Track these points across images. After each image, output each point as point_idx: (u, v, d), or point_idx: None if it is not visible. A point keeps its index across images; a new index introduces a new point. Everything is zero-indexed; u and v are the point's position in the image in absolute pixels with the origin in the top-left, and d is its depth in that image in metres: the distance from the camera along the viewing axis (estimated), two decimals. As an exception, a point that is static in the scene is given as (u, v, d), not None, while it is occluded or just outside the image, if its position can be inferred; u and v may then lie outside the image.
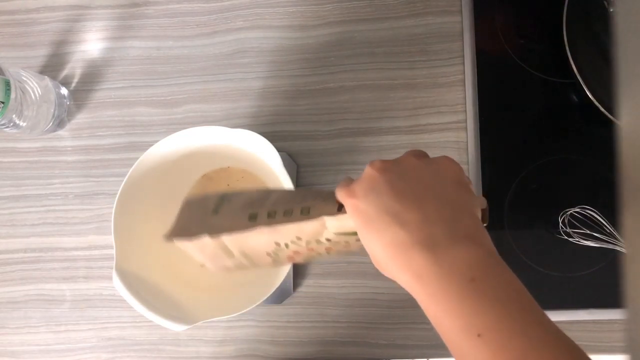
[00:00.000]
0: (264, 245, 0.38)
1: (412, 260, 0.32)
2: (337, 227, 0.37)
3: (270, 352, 0.62)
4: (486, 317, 0.30)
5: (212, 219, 0.40)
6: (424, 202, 0.34)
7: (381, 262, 0.34)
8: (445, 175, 0.36)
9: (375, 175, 0.35)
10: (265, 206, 0.39)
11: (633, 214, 0.20)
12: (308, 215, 0.37)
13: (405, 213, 0.33)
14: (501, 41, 0.64)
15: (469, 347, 0.30)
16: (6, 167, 0.67)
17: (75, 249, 0.65)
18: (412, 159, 0.36)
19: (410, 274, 0.32)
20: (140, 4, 0.68)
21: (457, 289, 0.31)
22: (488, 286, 0.31)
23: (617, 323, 0.58)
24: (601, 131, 0.61)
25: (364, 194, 0.34)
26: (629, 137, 0.20)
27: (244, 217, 0.38)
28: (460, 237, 0.33)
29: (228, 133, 0.51)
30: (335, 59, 0.64)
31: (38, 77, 0.63)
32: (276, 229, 0.37)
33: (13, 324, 0.65)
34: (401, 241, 0.32)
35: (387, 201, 0.33)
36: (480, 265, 0.32)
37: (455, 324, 0.31)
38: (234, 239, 0.38)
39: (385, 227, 0.33)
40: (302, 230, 0.37)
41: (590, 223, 0.58)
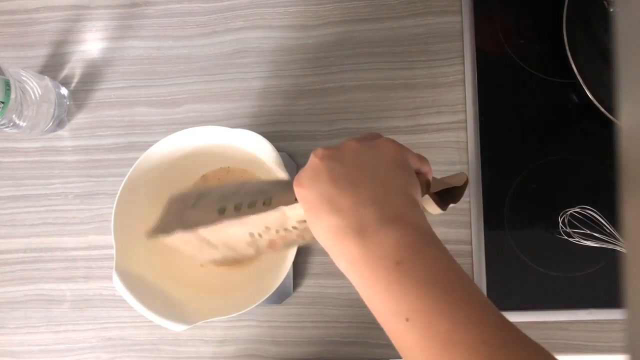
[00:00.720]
0: (241, 236, 0.39)
1: (347, 246, 0.32)
2: (296, 216, 0.37)
3: (270, 352, 0.62)
4: (412, 300, 0.30)
5: (188, 213, 0.41)
6: (359, 186, 0.34)
7: (327, 249, 0.34)
8: (381, 157, 0.35)
9: (317, 162, 0.35)
10: (233, 199, 0.39)
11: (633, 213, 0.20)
12: (269, 206, 0.37)
13: (340, 199, 0.33)
14: (501, 41, 0.64)
15: (399, 331, 0.31)
16: (6, 167, 0.67)
17: (75, 249, 0.65)
18: (352, 143, 0.36)
19: (344, 261, 0.33)
20: (140, 4, 0.68)
21: (384, 273, 0.31)
22: (414, 268, 0.31)
23: (617, 323, 0.58)
24: (601, 131, 0.61)
25: (308, 182, 0.34)
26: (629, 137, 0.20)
27: (214, 210, 0.39)
28: (388, 219, 0.32)
29: (228, 133, 0.51)
30: (335, 59, 0.64)
31: (38, 77, 0.63)
32: (242, 220, 0.38)
33: (13, 324, 0.65)
34: (336, 228, 0.33)
35: (326, 188, 0.34)
36: (406, 247, 0.32)
37: (385, 309, 0.31)
38: (212, 232, 0.39)
39: (324, 214, 0.33)
40: (267, 221, 0.38)
41: (590, 223, 0.58)
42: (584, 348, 0.59)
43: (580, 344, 0.59)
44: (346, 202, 0.33)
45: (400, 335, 0.31)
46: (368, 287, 0.32)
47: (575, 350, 0.59)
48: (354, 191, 0.33)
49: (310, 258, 0.62)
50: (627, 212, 0.20)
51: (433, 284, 0.31)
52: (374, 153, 0.36)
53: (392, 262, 0.31)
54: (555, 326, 0.59)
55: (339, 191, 0.33)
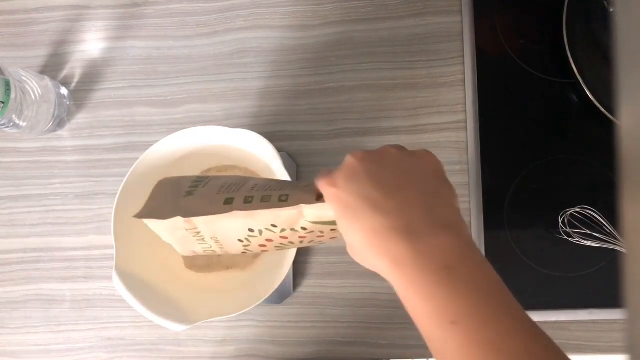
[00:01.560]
0: (237, 231, 0.38)
1: (390, 245, 0.32)
2: (314, 216, 0.37)
3: (270, 352, 0.62)
4: (460, 304, 0.31)
5: (185, 200, 0.39)
6: (403, 190, 0.34)
7: (358, 249, 0.34)
8: (425, 167, 0.36)
9: (356, 164, 0.35)
10: (242, 191, 0.39)
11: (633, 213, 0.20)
12: (286, 203, 0.37)
13: (384, 201, 0.33)
14: (501, 41, 0.64)
15: (442, 334, 0.31)
16: (6, 167, 0.67)
17: (75, 249, 0.65)
18: (392, 149, 0.37)
19: (387, 260, 0.32)
20: (140, 4, 0.68)
21: (433, 275, 0.31)
22: (463, 274, 0.31)
23: (617, 323, 0.58)
24: (601, 131, 0.61)
25: (344, 183, 0.35)
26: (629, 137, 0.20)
27: (220, 201, 0.38)
28: (438, 225, 0.33)
29: (228, 133, 0.51)
30: (335, 59, 0.64)
31: (38, 77, 0.63)
32: (252, 214, 0.37)
33: (13, 324, 0.65)
34: (380, 227, 0.33)
35: (367, 189, 0.34)
36: (456, 254, 0.32)
37: (429, 310, 0.31)
38: (207, 222, 0.38)
39: (364, 214, 0.33)
40: (279, 217, 0.37)
41: (590, 223, 0.58)
42: (584, 348, 0.59)
43: (580, 344, 0.59)
44: (391, 204, 0.33)
45: (442, 338, 0.31)
46: (413, 287, 0.32)
47: (575, 350, 0.59)
48: (399, 194, 0.34)
49: (310, 258, 0.62)
50: (627, 212, 0.20)
51: (480, 291, 0.31)
52: (416, 162, 0.36)
53: (442, 266, 0.31)
54: (555, 326, 0.59)
55: (382, 193, 0.34)
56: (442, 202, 0.35)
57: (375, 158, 0.36)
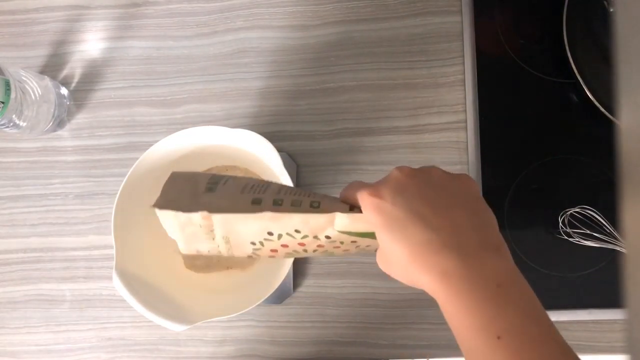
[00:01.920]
0: (256, 232, 0.38)
1: (440, 260, 0.33)
2: (345, 226, 0.37)
3: (270, 352, 0.62)
4: (508, 320, 0.31)
5: (206, 197, 0.39)
6: (453, 210, 0.35)
7: (398, 262, 0.35)
8: (468, 190, 0.37)
9: (404, 178, 0.36)
10: (268, 193, 0.38)
11: (633, 213, 0.20)
12: (318, 209, 0.37)
13: (435, 218, 0.34)
14: (501, 41, 0.64)
15: (486, 348, 0.31)
16: (6, 167, 0.67)
17: (75, 249, 0.65)
18: (437, 170, 0.38)
19: (434, 274, 0.33)
20: (140, 4, 0.68)
21: (482, 290, 0.32)
22: (512, 294, 0.32)
23: (617, 323, 0.58)
24: (601, 131, 0.61)
25: (392, 196, 0.35)
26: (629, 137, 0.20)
27: (247, 200, 0.38)
28: (488, 247, 0.34)
29: (228, 133, 0.51)
30: (335, 59, 0.64)
31: (38, 77, 0.63)
32: (280, 217, 0.37)
33: (13, 324, 0.65)
34: (429, 242, 0.33)
35: (417, 205, 0.34)
36: (505, 275, 0.33)
37: (475, 324, 0.32)
38: (227, 221, 0.37)
39: (413, 228, 0.34)
40: (307, 223, 0.37)
41: (590, 223, 0.58)
42: (584, 348, 0.59)
43: (580, 344, 0.59)
44: (441, 222, 0.34)
45: (484, 352, 0.31)
46: (460, 301, 0.32)
47: (576, 350, 0.58)
48: (449, 213, 0.34)
49: (310, 258, 0.62)
50: (627, 212, 0.20)
51: (527, 312, 0.32)
52: (459, 184, 0.37)
53: (493, 284, 0.32)
54: (556, 326, 0.59)
55: (433, 210, 0.34)
56: (487, 224, 0.36)
57: (422, 176, 0.36)
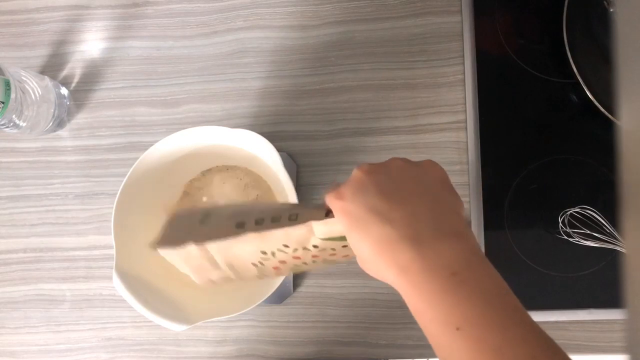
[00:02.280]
0: (251, 254, 0.39)
1: (398, 255, 0.33)
2: (324, 232, 0.37)
3: (270, 352, 0.62)
4: (465, 310, 0.31)
5: (198, 229, 0.40)
6: (410, 200, 0.35)
7: (367, 260, 0.35)
8: (431, 176, 0.37)
9: (362, 176, 0.36)
10: (252, 214, 0.39)
11: (633, 214, 0.20)
12: (295, 221, 0.37)
13: (391, 211, 0.34)
14: (501, 41, 0.64)
15: (448, 340, 0.31)
16: (6, 167, 0.67)
17: (75, 249, 0.65)
18: (398, 161, 0.37)
19: (395, 269, 0.33)
20: (140, 4, 0.68)
21: (439, 282, 0.32)
22: (469, 281, 0.32)
23: (617, 323, 0.58)
24: (601, 131, 0.61)
25: (352, 195, 0.35)
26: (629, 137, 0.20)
27: (231, 225, 0.39)
28: (445, 233, 0.33)
29: (228, 133, 0.51)
30: (335, 59, 0.64)
31: (38, 77, 0.63)
32: (264, 235, 0.37)
33: (13, 324, 0.65)
34: (387, 237, 0.33)
35: (374, 201, 0.34)
36: (463, 261, 0.33)
37: (435, 317, 0.32)
38: (221, 248, 0.38)
39: (371, 225, 0.34)
40: (289, 236, 0.37)
41: (590, 223, 0.58)
42: (584, 348, 0.59)
43: (580, 344, 0.59)
44: (398, 214, 0.34)
45: (447, 344, 0.31)
46: (419, 294, 0.32)
47: (575, 350, 0.59)
48: (406, 205, 0.34)
49: (310, 258, 0.62)
50: (627, 212, 0.20)
51: (486, 298, 0.32)
52: (421, 172, 0.37)
53: (448, 272, 0.32)
54: (555, 326, 0.59)
55: (389, 204, 0.34)
56: (448, 210, 0.35)
57: (381, 170, 0.36)
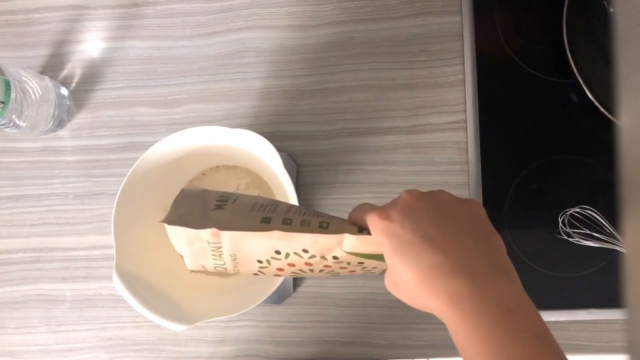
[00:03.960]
0: (263, 251, 0.38)
1: (451, 284, 0.33)
2: (353, 247, 0.37)
3: (270, 352, 0.62)
4: (516, 346, 0.31)
5: (216, 214, 0.39)
6: (462, 234, 0.35)
7: (406, 284, 0.35)
8: (477, 214, 0.37)
9: (413, 202, 0.36)
10: (277, 212, 0.39)
11: (633, 214, 0.20)
12: (326, 230, 0.37)
13: (445, 241, 0.34)
14: (501, 41, 0.64)
15: None
16: (6, 167, 0.67)
17: (75, 249, 0.65)
18: (445, 194, 0.38)
19: (444, 298, 0.33)
20: (140, 4, 0.68)
21: (493, 315, 0.32)
22: (521, 319, 0.32)
23: (617, 323, 0.58)
24: (601, 131, 0.61)
25: (401, 219, 0.35)
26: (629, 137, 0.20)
27: (256, 218, 0.38)
28: (499, 270, 0.34)
29: (228, 133, 0.51)
30: (335, 59, 0.64)
31: (38, 77, 0.63)
32: (289, 236, 0.37)
33: (13, 324, 0.65)
34: (440, 266, 0.33)
35: (427, 228, 0.35)
36: (515, 299, 0.33)
37: (485, 350, 0.32)
38: (235, 238, 0.38)
39: (423, 251, 0.34)
40: (316, 243, 0.37)
41: (590, 223, 0.58)
42: (584, 348, 0.59)
43: (580, 344, 0.59)
44: (452, 245, 0.34)
45: None
46: (470, 325, 0.32)
47: (575, 350, 0.59)
48: (459, 238, 0.35)
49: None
50: (627, 213, 0.20)
51: (536, 338, 0.32)
52: (468, 209, 0.37)
53: (503, 309, 0.32)
54: (555, 326, 0.59)
55: (443, 234, 0.34)
56: (496, 248, 0.36)
57: (431, 199, 0.37)
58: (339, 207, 0.63)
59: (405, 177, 0.62)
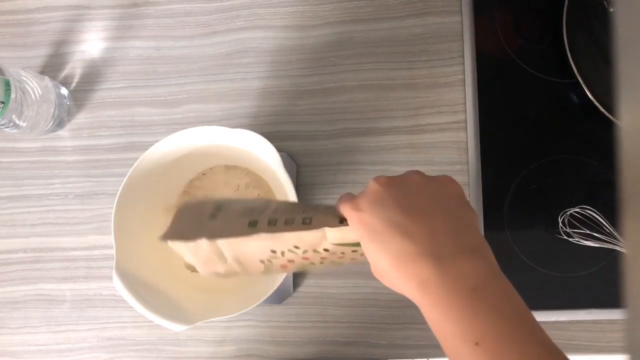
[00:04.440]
0: (260, 252, 0.39)
1: (418, 269, 0.33)
2: (337, 238, 0.37)
3: (270, 352, 0.62)
4: (485, 325, 0.31)
5: (209, 223, 0.40)
6: (430, 216, 0.35)
7: (384, 271, 0.35)
8: (448, 192, 0.37)
9: (381, 190, 0.36)
10: (265, 214, 0.39)
11: (633, 214, 0.20)
12: (309, 225, 0.37)
13: (411, 226, 0.34)
14: (501, 41, 0.64)
15: (467, 355, 0.31)
16: (6, 167, 0.67)
17: (75, 249, 0.65)
18: (415, 175, 0.38)
19: (414, 283, 0.33)
20: (140, 4, 0.68)
21: (459, 297, 0.32)
22: (489, 297, 0.32)
23: (617, 323, 0.58)
24: (601, 131, 0.61)
25: (370, 207, 0.35)
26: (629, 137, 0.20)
27: (244, 223, 0.39)
28: (465, 249, 0.34)
29: (228, 133, 0.51)
30: (335, 59, 0.64)
31: (38, 77, 0.63)
32: (276, 236, 0.38)
33: (13, 324, 0.65)
34: (407, 252, 0.33)
35: (393, 214, 0.35)
36: (482, 277, 0.33)
37: (454, 331, 0.32)
38: (231, 244, 0.39)
39: (391, 238, 0.34)
40: (302, 239, 0.38)
41: (590, 223, 0.58)
42: (584, 348, 0.59)
43: (580, 344, 0.59)
44: (418, 229, 0.34)
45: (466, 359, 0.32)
46: (439, 308, 0.33)
47: (575, 350, 0.59)
48: (425, 220, 0.35)
49: (310, 258, 0.62)
50: (627, 213, 0.20)
51: (505, 314, 0.32)
52: (439, 187, 0.37)
53: (468, 288, 0.32)
54: (555, 326, 0.59)
55: (409, 218, 0.34)
56: (466, 226, 0.36)
57: (399, 184, 0.37)
58: (339, 207, 0.63)
59: (405, 177, 0.62)
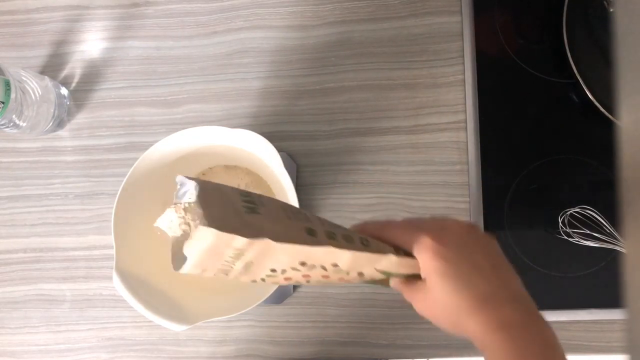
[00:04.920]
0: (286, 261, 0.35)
1: (501, 311, 0.35)
2: (387, 266, 0.37)
3: (270, 352, 0.62)
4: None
5: (252, 218, 0.34)
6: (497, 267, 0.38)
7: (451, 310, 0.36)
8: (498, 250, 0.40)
9: (464, 232, 0.38)
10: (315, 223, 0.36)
11: (633, 214, 0.20)
12: (368, 248, 0.37)
13: (492, 273, 0.37)
14: (501, 41, 0.64)
15: None
16: (6, 167, 0.67)
17: (75, 249, 0.65)
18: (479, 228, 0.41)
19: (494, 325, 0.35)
20: (140, 4, 0.68)
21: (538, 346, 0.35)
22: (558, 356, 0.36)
23: (617, 323, 0.58)
24: (601, 131, 0.61)
25: (456, 246, 0.37)
26: (629, 137, 0.20)
27: (300, 229, 0.35)
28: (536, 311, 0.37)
29: (228, 133, 0.51)
30: (335, 59, 0.64)
31: (38, 77, 0.63)
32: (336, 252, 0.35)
33: (13, 324, 0.65)
34: (492, 295, 0.36)
35: (479, 259, 0.37)
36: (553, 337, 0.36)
37: None
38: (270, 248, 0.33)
39: (476, 280, 0.36)
40: (356, 261, 0.36)
41: (590, 223, 0.58)
42: (584, 348, 0.59)
43: (580, 344, 0.59)
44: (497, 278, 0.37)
45: None
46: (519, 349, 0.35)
47: (575, 350, 0.59)
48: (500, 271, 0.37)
49: (310, 258, 0.62)
50: (627, 213, 0.20)
51: None
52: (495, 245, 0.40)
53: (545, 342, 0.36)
54: (556, 326, 0.58)
55: (490, 265, 0.37)
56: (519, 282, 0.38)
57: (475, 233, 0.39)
58: (339, 207, 0.63)
59: (405, 177, 0.62)
